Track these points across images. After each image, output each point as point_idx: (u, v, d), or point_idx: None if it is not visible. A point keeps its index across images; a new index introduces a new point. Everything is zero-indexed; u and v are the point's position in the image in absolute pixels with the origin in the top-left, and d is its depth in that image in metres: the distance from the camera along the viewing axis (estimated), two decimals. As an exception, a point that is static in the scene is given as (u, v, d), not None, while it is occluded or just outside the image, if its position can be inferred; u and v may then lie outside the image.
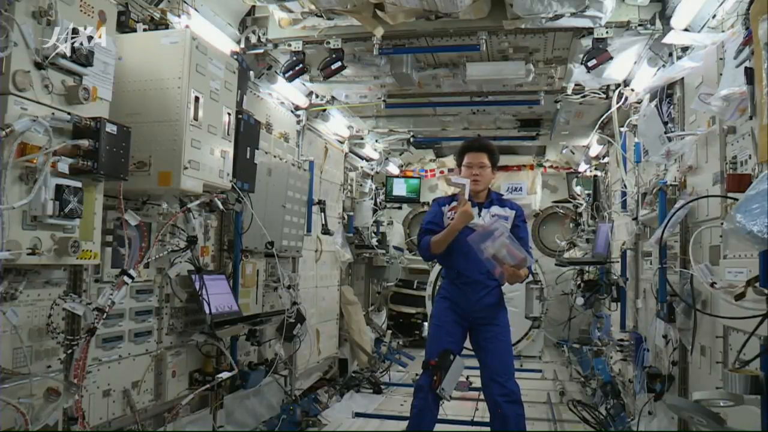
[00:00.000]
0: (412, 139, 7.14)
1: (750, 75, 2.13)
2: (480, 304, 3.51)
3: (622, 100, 4.43)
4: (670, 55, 3.60)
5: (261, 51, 4.05)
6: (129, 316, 3.07)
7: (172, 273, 3.29)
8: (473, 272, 3.48)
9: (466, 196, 3.36)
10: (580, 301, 6.24)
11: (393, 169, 8.27)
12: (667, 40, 3.36)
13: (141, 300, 3.16)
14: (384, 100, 5.35)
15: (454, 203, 3.51)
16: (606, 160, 6.21)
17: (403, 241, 8.66)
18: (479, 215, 3.47)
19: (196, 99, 2.90)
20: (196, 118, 2.90)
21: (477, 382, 3.71)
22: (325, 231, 5.56)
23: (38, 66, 2.17)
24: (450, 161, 8.53)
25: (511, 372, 3.45)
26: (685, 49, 3.38)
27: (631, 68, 4.26)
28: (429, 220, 3.59)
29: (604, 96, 4.74)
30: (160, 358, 3.29)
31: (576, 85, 4.74)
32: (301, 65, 4.08)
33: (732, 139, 2.61)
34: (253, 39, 3.96)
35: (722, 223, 2.39)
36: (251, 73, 4.16)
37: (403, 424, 3.47)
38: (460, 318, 3.51)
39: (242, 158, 3.47)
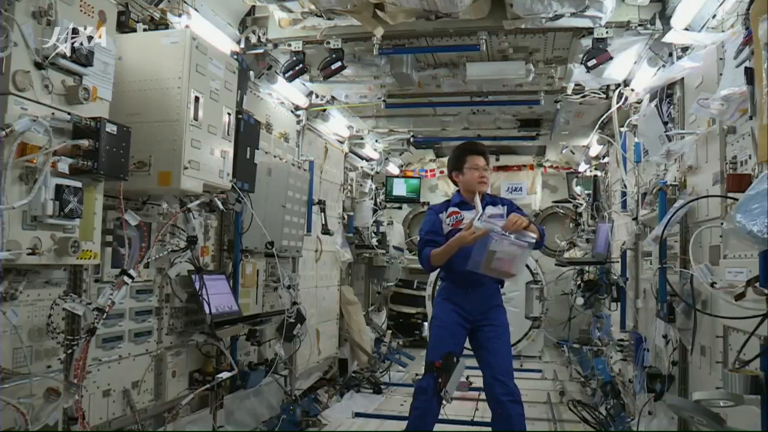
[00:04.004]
0: (412, 139, 7.13)
1: (750, 75, 2.13)
2: (483, 306, 3.51)
3: (622, 100, 4.43)
4: (670, 55, 3.60)
5: (261, 51, 4.05)
6: (129, 316, 3.07)
7: (172, 273, 3.29)
8: (477, 275, 3.48)
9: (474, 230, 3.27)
10: (580, 301, 6.26)
11: (393, 169, 8.28)
12: (667, 39, 3.36)
13: (141, 300, 3.16)
14: (384, 100, 5.35)
15: (451, 209, 3.54)
16: (606, 160, 6.20)
17: (403, 241, 8.64)
18: (478, 219, 3.47)
19: (196, 99, 2.90)
20: (196, 118, 2.90)
21: (477, 382, 3.71)
22: (325, 231, 5.56)
23: (38, 66, 2.18)
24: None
25: (512, 372, 3.46)
26: (685, 49, 3.39)
27: (631, 68, 4.26)
28: (428, 230, 3.55)
29: (604, 96, 4.74)
30: (160, 358, 3.29)
31: (576, 85, 4.73)
32: (301, 65, 4.08)
33: (732, 139, 2.61)
34: (253, 39, 3.96)
35: (722, 223, 2.39)
36: (251, 73, 4.16)
37: (403, 424, 3.46)
38: (463, 319, 3.50)
39: (242, 158, 3.47)
